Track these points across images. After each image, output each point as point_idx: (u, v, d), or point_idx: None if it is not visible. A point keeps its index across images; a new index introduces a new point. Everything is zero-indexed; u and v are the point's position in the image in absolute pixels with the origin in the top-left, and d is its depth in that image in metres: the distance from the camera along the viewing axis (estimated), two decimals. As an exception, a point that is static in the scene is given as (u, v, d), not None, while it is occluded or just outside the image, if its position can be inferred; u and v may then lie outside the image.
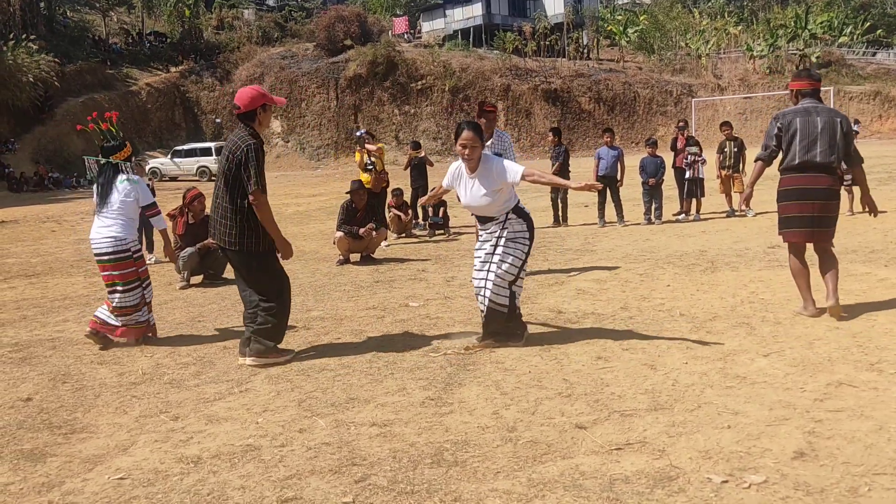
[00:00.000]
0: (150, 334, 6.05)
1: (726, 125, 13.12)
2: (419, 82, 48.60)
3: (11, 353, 5.80)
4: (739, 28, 59.82)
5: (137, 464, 3.53)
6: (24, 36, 38.27)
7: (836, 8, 63.32)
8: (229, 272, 9.14)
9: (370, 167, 11.41)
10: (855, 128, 43.77)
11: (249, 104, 5.03)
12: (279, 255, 5.23)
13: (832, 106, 38.66)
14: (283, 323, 5.22)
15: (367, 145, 11.45)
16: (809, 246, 5.79)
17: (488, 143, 7.49)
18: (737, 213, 12.59)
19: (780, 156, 5.69)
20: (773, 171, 5.83)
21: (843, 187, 11.40)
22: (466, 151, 5.11)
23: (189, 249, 8.51)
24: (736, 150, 12.86)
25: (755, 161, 5.84)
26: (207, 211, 8.67)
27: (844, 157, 5.61)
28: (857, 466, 3.09)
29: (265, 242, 5.12)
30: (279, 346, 5.22)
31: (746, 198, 6.11)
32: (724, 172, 12.85)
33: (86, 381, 4.96)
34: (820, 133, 5.52)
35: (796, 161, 5.56)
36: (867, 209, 5.80)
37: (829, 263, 5.66)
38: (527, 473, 3.19)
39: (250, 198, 4.97)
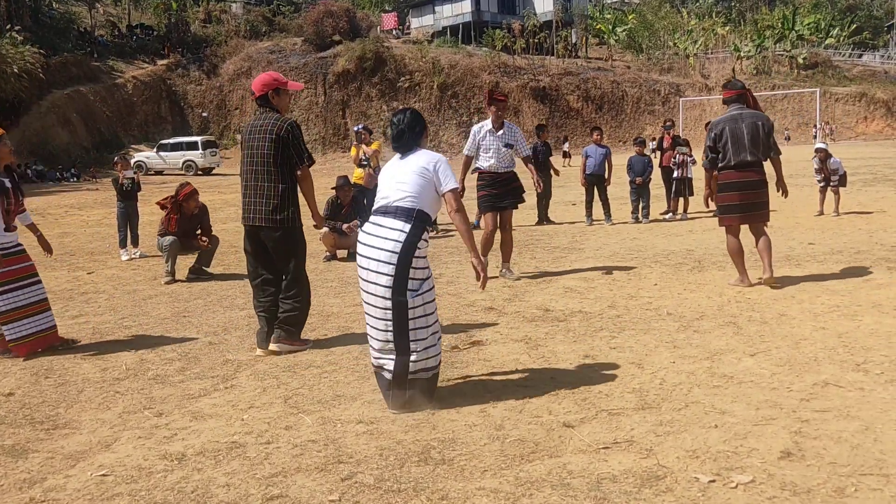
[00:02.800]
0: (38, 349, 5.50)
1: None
2: (408, 78, 48.53)
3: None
4: (727, 28, 60.14)
5: (120, 460, 3.49)
6: (9, 27, 37.90)
7: (823, 10, 63.79)
8: (221, 267, 9.09)
9: (365, 163, 11.39)
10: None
11: (261, 89, 5.24)
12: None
13: (819, 108, 38.92)
14: (306, 311, 5.37)
15: (363, 146, 11.43)
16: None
17: (499, 133, 7.55)
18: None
19: (720, 157, 6.79)
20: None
21: (829, 188, 11.57)
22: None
23: (170, 237, 8.41)
24: None
25: (705, 170, 7.08)
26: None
27: (765, 150, 6.69)
28: (843, 467, 3.09)
29: (300, 219, 5.30)
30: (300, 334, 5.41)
31: (706, 197, 7.44)
32: (710, 172, 12.87)
33: (68, 377, 4.90)
34: (747, 136, 6.62)
35: (732, 162, 6.67)
36: (781, 191, 7.16)
37: (763, 242, 6.72)
38: (514, 472, 3.18)
39: (298, 172, 5.18)
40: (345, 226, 9.36)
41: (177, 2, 52.45)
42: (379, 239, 3.94)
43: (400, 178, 4.06)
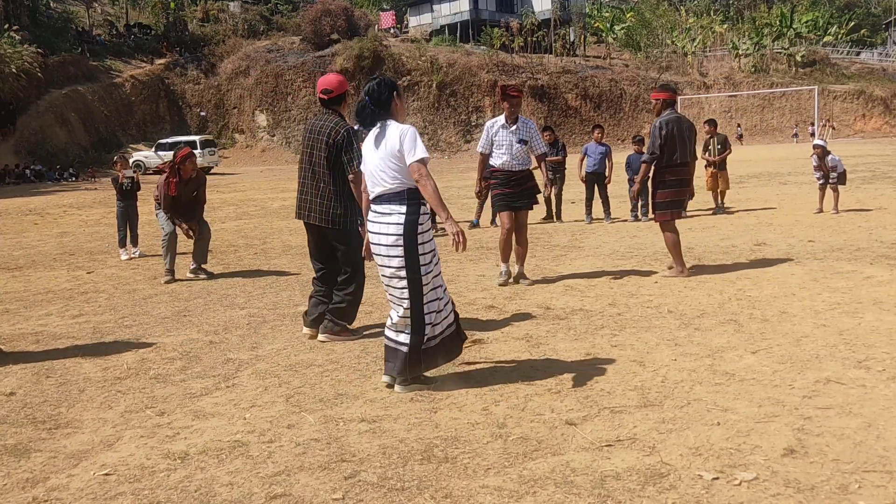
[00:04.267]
0: None
1: (710, 123, 13.24)
2: (406, 77, 48.48)
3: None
4: (725, 26, 60.14)
5: (123, 459, 3.49)
6: (6, 27, 37.84)
7: (820, 7, 63.86)
8: (221, 266, 9.08)
9: None
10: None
11: (339, 88, 5.48)
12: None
13: (817, 106, 38.97)
14: (356, 305, 5.60)
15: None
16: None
17: (512, 128, 7.27)
18: (724, 211, 12.67)
19: (664, 156, 7.26)
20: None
21: (829, 185, 11.57)
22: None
23: (168, 229, 8.36)
24: (720, 146, 12.92)
25: (643, 163, 7.45)
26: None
27: (693, 153, 7.44)
28: (846, 464, 3.10)
29: (354, 218, 5.46)
30: (349, 326, 5.61)
31: (636, 192, 8.40)
32: (710, 170, 12.92)
33: (70, 376, 4.90)
34: (686, 136, 7.31)
35: (678, 160, 7.25)
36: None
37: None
38: (517, 470, 3.18)
39: (350, 176, 5.27)
40: None
41: (175, 1, 52.39)
42: (382, 225, 4.17)
43: (380, 168, 4.18)
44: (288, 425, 3.82)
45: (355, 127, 5.63)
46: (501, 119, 7.41)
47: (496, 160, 7.36)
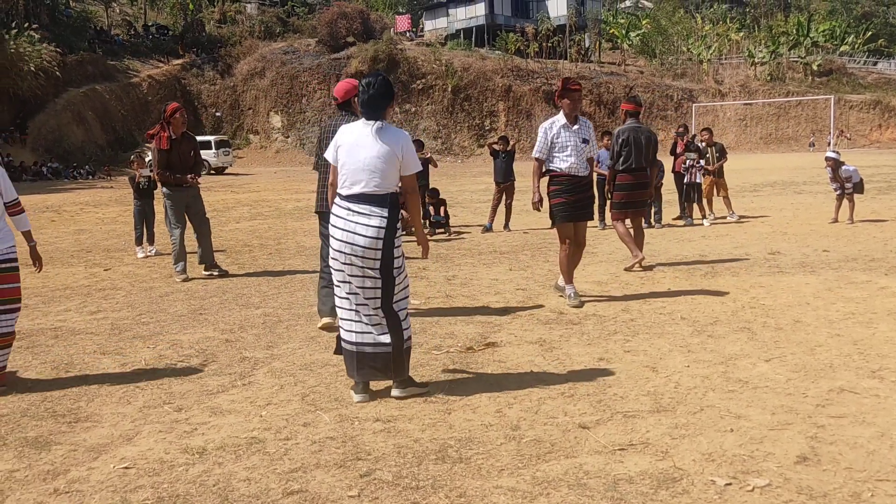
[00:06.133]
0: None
1: (706, 131, 13.32)
2: (420, 81, 48.63)
3: (14, 342, 5.78)
4: (741, 34, 59.95)
5: (142, 453, 3.54)
6: (26, 25, 38.22)
7: (838, 17, 63.55)
8: (236, 266, 9.16)
9: None
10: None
11: (344, 95, 5.78)
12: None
13: (833, 115, 38.93)
14: None
15: None
16: None
17: (575, 127, 6.57)
18: (728, 219, 12.62)
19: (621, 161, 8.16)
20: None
21: (846, 195, 11.54)
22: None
23: (177, 232, 8.40)
24: (718, 155, 12.89)
25: (609, 169, 8.49)
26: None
27: (648, 160, 8.22)
28: (859, 472, 3.11)
29: None
30: None
31: (608, 192, 9.29)
32: (708, 178, 12.84)
33: (89, 371, 4.97)
34: (644, 145, 8.14)
35: (633, 165, 8.13)
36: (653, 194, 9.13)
37: (639, 233, 8.37)
38: (531, 471, 3.21)
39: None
40: None
41: (193, 2, 52.76)
42: (360, 225, 4.10)
43: (369, 168, 4.13)
44: (304, 423, 3.87)
45: (330, 121, 5.83)
46: (560, 118, 6.61)
47: (560, 164, 6.57)
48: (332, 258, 4.24)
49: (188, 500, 3.05)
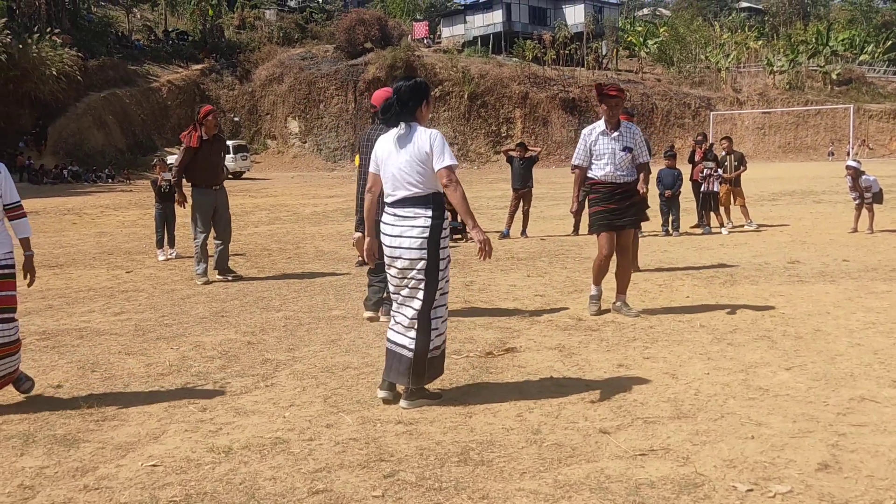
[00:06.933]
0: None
1: (726, 140, 13.32)
2: (438, 87, 48.74)
3: (39, 342, 5.89)
4: (760, 43, 59.70)
5: (169, 452, 3.60)
6: (48, 30, 38.66)
7: (857, 26, 63.14)
8: (256, 270, 9.24)
9: None
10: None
11: (381, 104, 5.87)
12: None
13: (852, 124, 38.68)
14: None
15: None
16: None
17: (614, 134, 6.40)
18: (746, 227, 12.59)
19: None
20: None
21: (864, 206, 11.48)
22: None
23: (202, 237, 8.50)
24: (736, 163, 12.88)
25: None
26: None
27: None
28: (881, 480, 3.12)
29: None
30: None
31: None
32: (724, 186, 12.83)
33: (114, 371, 5.05)
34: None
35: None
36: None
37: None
38: (552, 475, 3.24)
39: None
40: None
41: (213, 8, 53.22)
42: (406, 227, 4.12)
43: (406, 172, 4.13)
44: (327, 424, 3.92)
45: (368, 130, 5.91)
46: (600, 125, 6.49)
47: (597, 171, 6.48)
48: (388, 264, 4.27)
49: (216, 498, 3.11)
